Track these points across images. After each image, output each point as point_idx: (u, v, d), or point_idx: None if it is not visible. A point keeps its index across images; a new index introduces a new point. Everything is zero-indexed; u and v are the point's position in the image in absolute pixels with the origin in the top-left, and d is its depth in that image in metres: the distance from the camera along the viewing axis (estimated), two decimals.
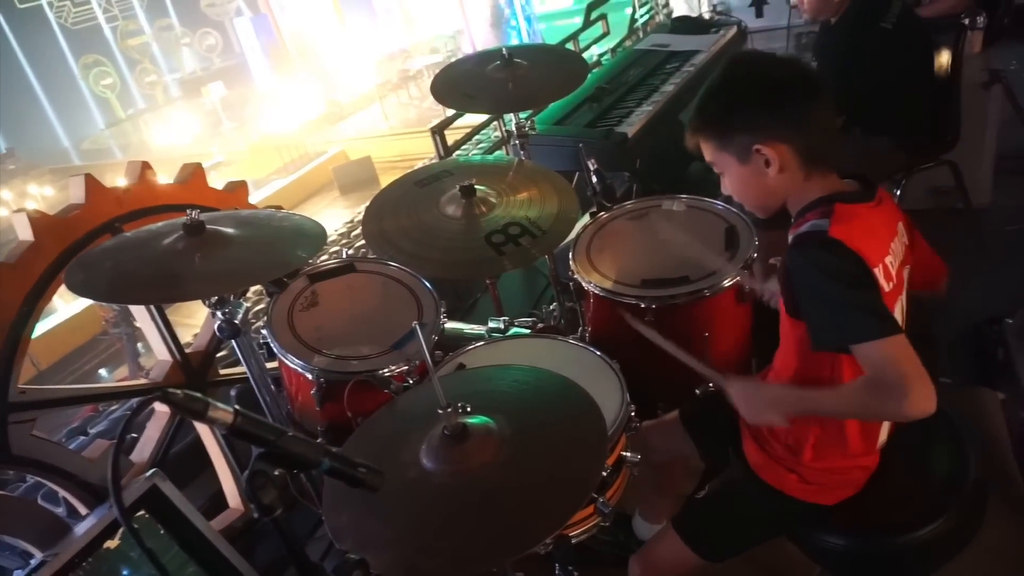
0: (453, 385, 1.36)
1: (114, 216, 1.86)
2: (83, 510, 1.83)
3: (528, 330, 1.92)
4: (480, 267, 1.85)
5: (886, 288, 1.15)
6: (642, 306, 1.70)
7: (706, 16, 4.35)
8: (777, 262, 1.48)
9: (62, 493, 1.83)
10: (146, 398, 0.87)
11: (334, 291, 1.88)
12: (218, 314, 1.53)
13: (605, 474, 1.42)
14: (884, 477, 1.37)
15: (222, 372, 2.24)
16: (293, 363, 1.69)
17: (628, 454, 1.49)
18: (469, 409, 1.15)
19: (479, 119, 3.22)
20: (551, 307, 2.40)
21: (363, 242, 3.17)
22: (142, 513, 1.62)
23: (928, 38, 2.56)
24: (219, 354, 2.23)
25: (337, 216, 10.26)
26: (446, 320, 1.83)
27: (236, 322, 1.55)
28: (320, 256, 2.68)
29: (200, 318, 2.31)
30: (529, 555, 1.09)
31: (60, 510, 1.88)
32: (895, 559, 1.34)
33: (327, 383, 1.67)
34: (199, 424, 1.99)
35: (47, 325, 9.18)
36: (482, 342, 1.80)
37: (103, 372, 9.12)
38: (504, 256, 1.71)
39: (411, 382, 1.66)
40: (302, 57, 17.74)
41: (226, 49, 20.79)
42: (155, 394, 0.85)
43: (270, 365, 1.84)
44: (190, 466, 2.22)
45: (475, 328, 2.02)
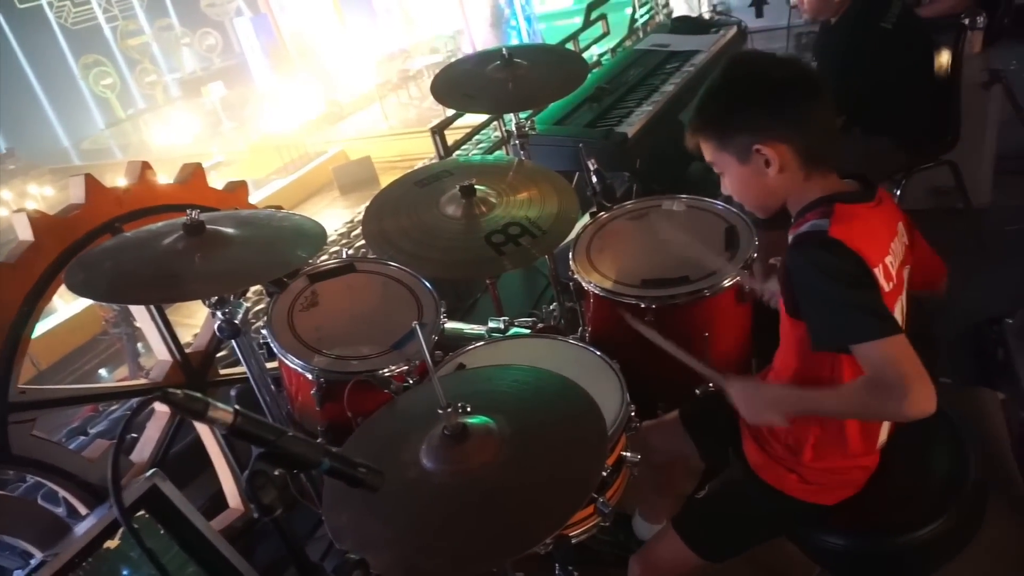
0: (453, 385, 1.36)
1: (114, 216, 1.86)
2: (83, 510, 1.83)
3: (528, 330, 1.92)
4: (480, 267, 1.85)
5: (886, 288, 1.15)
6: (642, 306, 1.70)
7: (706, 16, 4.35)
8: (777, 262, 1.48)
9: (62, 493, 1.83)
10: (146, 398, 0.87)
11: (334, 291, 1.88)
12: (218, 314, 1.53)
13: (605, 474, 1.42)
14: (884, 477, 1.37)
15: (222, 372, 2.24)
16: (293, 363, 1.69)
17: (628, 454, 1.49)
18: (469, 409, 1.15)
19: (479, 119, 3.22)
20: (551, 307, 2.40)
21: (363, 242, 3.17)
22: (142, 513, 1.62)
23: (928, 38, 2.56)
24: (219, 354, 2.23)
25: (337, 216, 10.26)
26: (446, 320, 1.83)
27: (236, 322, 1.55)
28: (320, 256, 2.68)
29: (200, 318, 2.31)
30: (529, 555, 1.09)
31: (60, 510, 1.88)
32: (895, 559, 1.34)
33: (327, 383, 1.67)
34: (199, 424, 1.99)
35: (47, 325, 9.18)
36: (482, 342, 1.80)
37: (103, 372, 9.12)
38: (504, 256, 1.71)
39: (411, 382, 1.66)
40: (302, 57, 17.73)
41: (226, 49, 20.79)
42: (155, 394, 0.85)
43: (270, 365, 1.84)
44: (190, 466, 2.22)
45: (475, 328, 2.02)
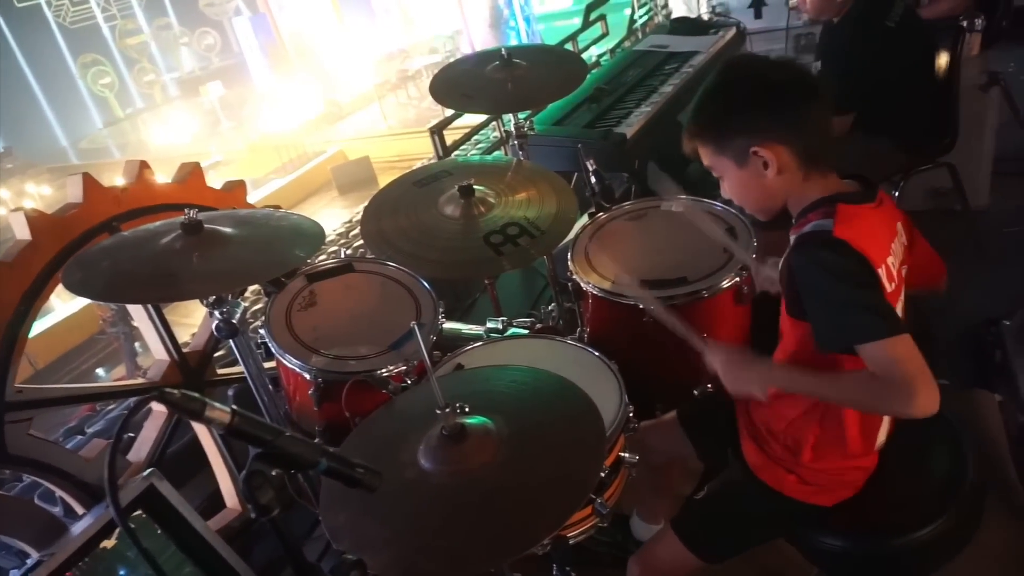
0: (451, 385, 1.36)
1: (112, 215, 1.85)
2: (80, 510, 1.83)
3: (526, 330, 1.92)
4: (479, 267, 1.85)
5: (888, 288, 1.15)
6: (640, 307, 1.69)
7: (705, 17, 4.35)
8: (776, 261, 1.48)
9: (59, 492, 1.83)
10: (143, 397, 0.87)
11: (332, 291, 1.88)
12: (216, 313, 1.52)
13: (603, 475, 1.42)
14: (882, 478, 1.37)
15: (220, 372, 2.23)
16: (291, 363, 1.69)
17: (626, 455, 1.49)
18: (467, 409, 1.15)
19: (478, 119, 3.22)
20: (549, 307, 2.40)
21: (361, 242, 3.17)
22: (139, 513, 1.62)
23: (929, 39, 2.56)
24: (217, 354, 2.23)
25: (335, 216, 10.25)
26: (444, 320, 1.83)
27: (234, 322, 1.54)
28: (318, 256, 2.68)
29: (198, 317, 2.30)
30: (527, 556, 1.09)
31: (57, 509, 1.88)
32: (893, 560, 1.34)
33: (325, 383, 1.66)
34: (196, 424, 1.99)
35: (44, 324, 9.19)
36: (480, 342, 1.80)
37: (100, 371, 9.10)
38: (503, 256, 1.71)
39: (409, 382, 1.65)
40: (301, 57, 17.72)
41: (225, 49, 20.78)
42: (152, 394, 0.84)
43: (268, 365, 1.83)
44: (187, 466, 2.21)
45: (473, 328, 2.02)
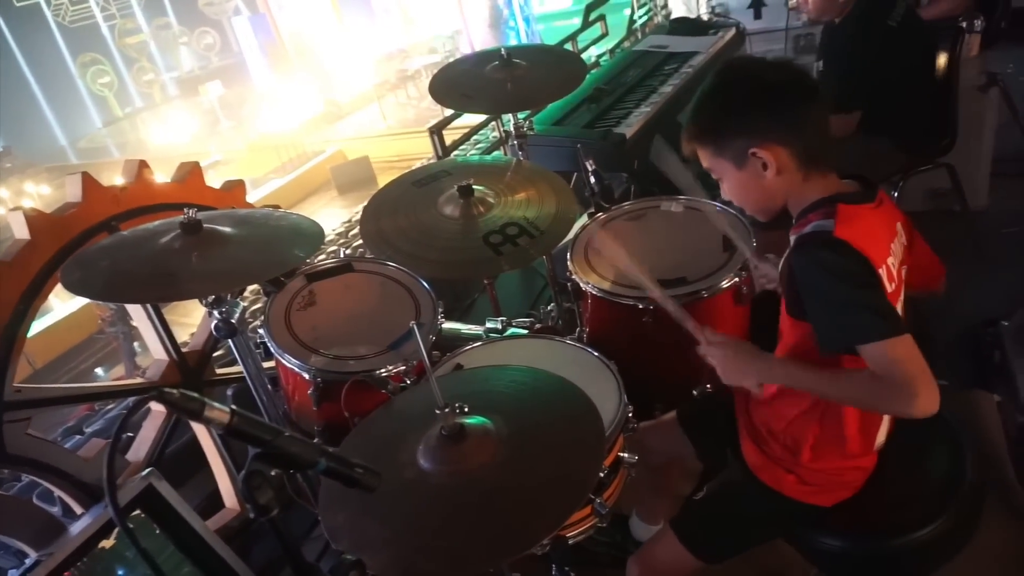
0: (450, 385, 1.36)
1: (111, 215, 1.85)
2: (78, 509, 1.83)
3: (526, 330, 1.92)
4: (478, 267, 1.85)
5: (888, 289, 1.15)
6: (640, 307, 1.69)
7: (704, 17, 4.35)
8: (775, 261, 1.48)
9: (57, 492, 1.82)
10: (142, 397, 0.87)
11: (332, 291, 1.88)
12: (215, 313, 1.52)
13: (602, 475, 1.42)
14: (881, 478, 1.37)
15: (219, 371, 2.23)
16: (290, 363, 1.69)
17: (625, 455, 1.49)
18: (466, 409, 1.15)
19: (477, 119, 3.21)
20: (549, 308, 2.40)
21: (361, 242, 3.17)
22: (138, 513, 1.62)
23: (930, 39, 2.56)
24: (216, 353, 2.23)
25: (335, 216, 10.24)
26: (444, 320, 1.83)
27: (233, 321, 1.54)
28: (318, 256, 2.67)
29: (197, 317, 2.30)
30: (526, 556, 1.09)
31: (55, 509, 1.87)
32: (892, 561, 1.34)
33: (324, 383, 1.66)
34: (195, 424, 1.99)
35: (43, 324, 9.16)
36: (480, 342, 1.80)
37: (99, 371, 9.09)
38: (502, 256, 1.71)
39: (408, 382, 1.65)
40: (300, 56, 17.70)
41: (224, 48, 20.76)
42: (151, 393, 0.84)
43: (267, 365, 1.83)
44: (186, 465, 2.21)
45: (473, 328, 2.02)
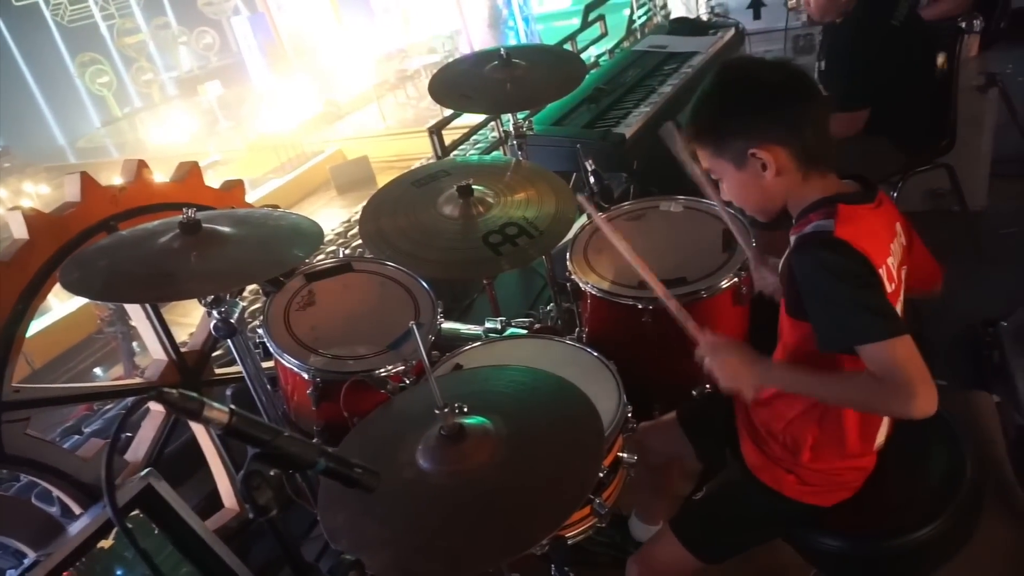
0: (450, 385, 1.36)
1: (110, 214, 1.85)
2: (77, 509, 1.82)
3: (525, 331, 1.92)
4: (477, 267, 1.84)
5: (888, 289, 1.15)
6: (639, 307, 1.70)
7: (704, 18, 4.35)
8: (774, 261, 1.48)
9: (56, 492, 1.82)
10: (141, 397, 0.87)
11: (331, 291, 1.88)
12: (214, 313, 1.52)
13: (602, 475, 1.42)
14: (881, 479, 1.37)
15: (218, 371, 2.23)
16: (289, 363, 1.69)
17: (625, 455, 1.49)
18: (466, 409, 1.15)
19: (477, 119, 3.21)
20: (548, 308, 2.40)
21: (360, 242, 3.17)
22: (136, 513, 1.62)
23: (930, 39, 2.57)
24: (215, 353, 2.23)
25: (334, 215, 10.22)
26: (443, 320, 1.83)
27: (232, 321, 1.54)
28: (317, 255, 2.67)
29: (196, 317, 2.30)
30: (526, 556, 1.09)
31: (54, 509, 1.87)
32: (891, 561, 1.34)
33: (323, 383, 1.66)
34: (194, 424, 1.99)
35: (42, 324, 9.13)
36: (479, 342, 1.80)
37: (98, 371, 9.08)
38: (501, 256, 1.71)
39: (408, 382, 1.66)
40: (299, 56, 17.70)
41: (223, 48, 20.73)
42: (150, 393, 0.84)
43: (266, 364, 1.83)
44: (185, 465, 2.20)
45: (472, 328, 2.02)
